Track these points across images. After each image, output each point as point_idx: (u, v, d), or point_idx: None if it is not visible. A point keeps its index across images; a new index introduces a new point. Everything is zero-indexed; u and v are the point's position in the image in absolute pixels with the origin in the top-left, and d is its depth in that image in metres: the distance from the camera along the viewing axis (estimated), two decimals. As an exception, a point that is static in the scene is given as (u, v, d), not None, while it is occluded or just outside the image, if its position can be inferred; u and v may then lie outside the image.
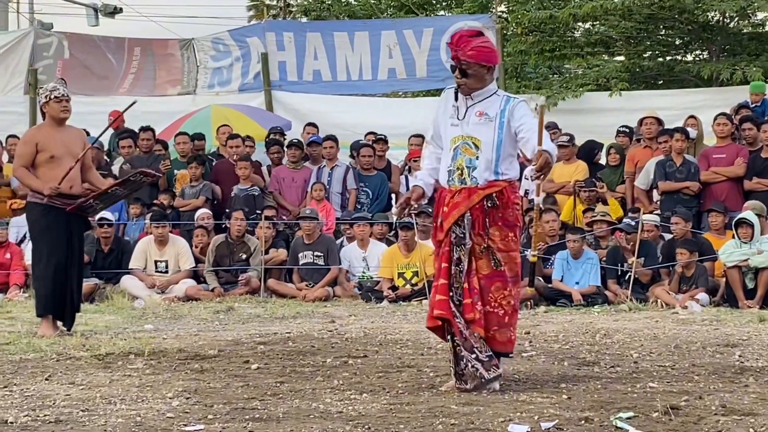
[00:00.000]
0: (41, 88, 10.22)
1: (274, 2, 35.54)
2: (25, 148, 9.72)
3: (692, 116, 15.22)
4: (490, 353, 6.58)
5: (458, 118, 6.73)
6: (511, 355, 6.97)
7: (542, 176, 6.64)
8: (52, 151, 9.54)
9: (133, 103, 10.49)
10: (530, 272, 9.04)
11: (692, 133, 14.74)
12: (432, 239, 7.22)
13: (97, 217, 13.94)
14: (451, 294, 6.62)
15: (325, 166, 15.20)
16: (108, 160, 16.19)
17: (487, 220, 6.65)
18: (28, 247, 13.04)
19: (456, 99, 6.78)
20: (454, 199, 6.69)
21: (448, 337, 6.70)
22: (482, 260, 6.64)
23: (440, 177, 6.85)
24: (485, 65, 6.65)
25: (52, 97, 9.64)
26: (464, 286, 6.60)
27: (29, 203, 9.77)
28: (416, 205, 7.24)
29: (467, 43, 6.63)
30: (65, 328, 9.64)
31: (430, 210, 13.99)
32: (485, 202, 6.63)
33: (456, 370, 6.59)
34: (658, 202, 14.04)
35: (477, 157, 6.66)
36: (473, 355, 6.56)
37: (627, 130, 15.52)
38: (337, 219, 14.80)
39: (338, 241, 14.36)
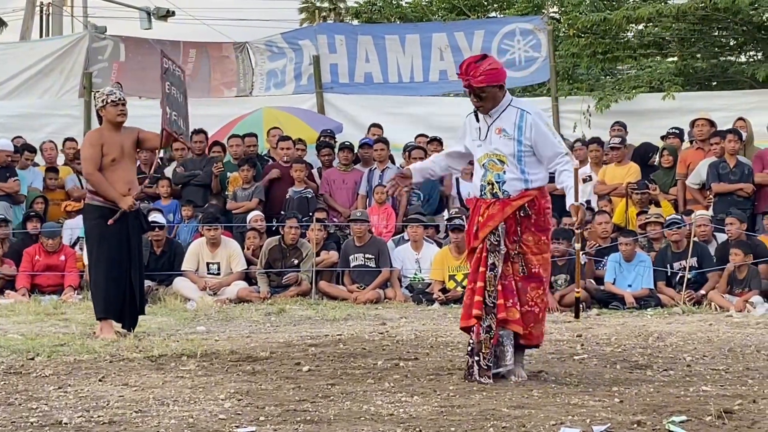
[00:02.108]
0: (97, 91, 10.24)
1: (326, 5, 35.66)
2: (92, 151, 9.69)
3: (741, 118, 15.10)
4: (490, 363, 7.06)
5: (480, 138, 7.34)
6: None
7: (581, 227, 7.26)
8: (113, 154, 9.62)
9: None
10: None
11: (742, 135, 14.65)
12: (466, 246, 7.68)
13: (149, 219, 14.07)
14: (484, 296, 7.14)
15: (375, 168, 15.21)
16: (160, 162, 16.30)
17: (519, 228, 7.21)
18: (83, 250, 13.18)
19: (477, 120, 7.38)
20: (490, 210, 7.24)
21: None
22: (516, 264, 7.20)
23: (474, 189, 7.47)
24: (496, 85, 7.18)
25: (109, 101, 9.67)
26: (498, 288, 7.13)
27: (88, 206, 9.82)
28: (404, 186, 7.94)
29: (476, 69, 7.16)
30: (125, 330, 9.66)
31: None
32: (518, 213, 7.20)
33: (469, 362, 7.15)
34: (711, 204, 13.94)
35: (504, 172, 7.22)
36: (476, 358, 7.07)
37: (678, 132, 15.42)
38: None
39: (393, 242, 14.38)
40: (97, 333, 9.52)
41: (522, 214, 7.20)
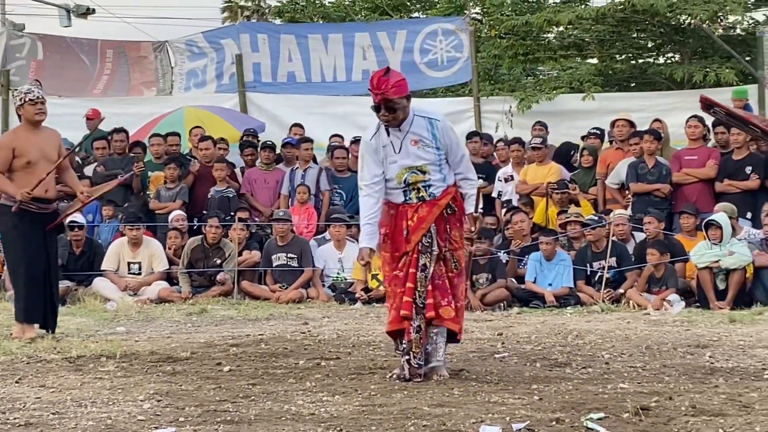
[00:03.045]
0: (16, 89, 10.00)
1: (249, 4, 35.52)
2: (1, 154, 9.50)
3: (657, 119, 15.29)
4: (421, 362, 7.13)
5: (396, 152, 7.31)
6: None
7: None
8: (28, 156, 9.43)
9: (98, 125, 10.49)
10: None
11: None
12: (385, 250, 7.61)
13: (68, 219, 13.92)
14: (415, 297, 7.18)
15: (298, 168, 15.17)
16: (81, 162, 16.13)
17: (448, 226, 7.36)
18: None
19: (388, 135, 7.31)
20: (419, 213, 7.33)
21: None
22: (449, 262, 7.34)
23: (392, 197, 7.41)
24: (405, 96, 7.20)
25: (27, 99, 9.52)
26: (428, 288, 7.20)
27: (1, 206, 9.62)
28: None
29: (386, 82, 7.14)
30: (46, 331, 9.52)
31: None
32: (446, 211, 7.35)
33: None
34: (630, 204, 14.10)
35: (428, 180, 7.31)
36: (406, 357, 7.12)
37: (598, 132, 15.58)
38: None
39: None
40: (16, 333, 9.38)
41: (449, 212, 7.37)
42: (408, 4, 27.91)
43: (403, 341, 7.20)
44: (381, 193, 7.37)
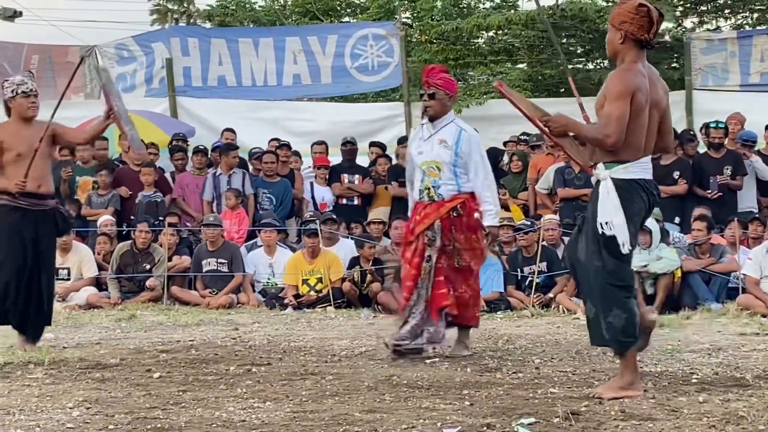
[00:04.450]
0: (6, 80, 9.21)
1: (177, 7, 35.28)
2: None
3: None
4: (404, 339, 8.35)
5: (423, 142, 8.62)
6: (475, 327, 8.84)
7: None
8: (18, 149, 8.88)
9: (82, 59, 9.99)
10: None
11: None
12: (403, 240, 8.87)
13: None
14: (417, 282, 8.36)
15: (221, 173, 15.10)
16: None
17: (453, 226, 8.41)
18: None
19: (422, 134, 8.66)
20: (426, 211, 8.47)
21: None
22: (452, 258, 8.38)
23: (414, 192, 8.69)
24: (447, 93, 8.54)
25: (20, 92, 8.95)
26: (436, 279, 8.34)
27: None
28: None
29: (435, 73, 8.52)
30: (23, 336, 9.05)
31: (335, 217, 14.13)
32: (451, 213, 8.40)
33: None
34: (557, 209, 14.22)
35: (440, 178, 8.45)
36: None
37: (526, 138, 15.69)
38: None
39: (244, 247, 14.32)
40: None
41: (455, 214, 8.42)
42: (338, 9, 27.93)
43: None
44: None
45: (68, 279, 13.62)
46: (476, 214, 8.48)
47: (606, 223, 6.36)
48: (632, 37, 6.52)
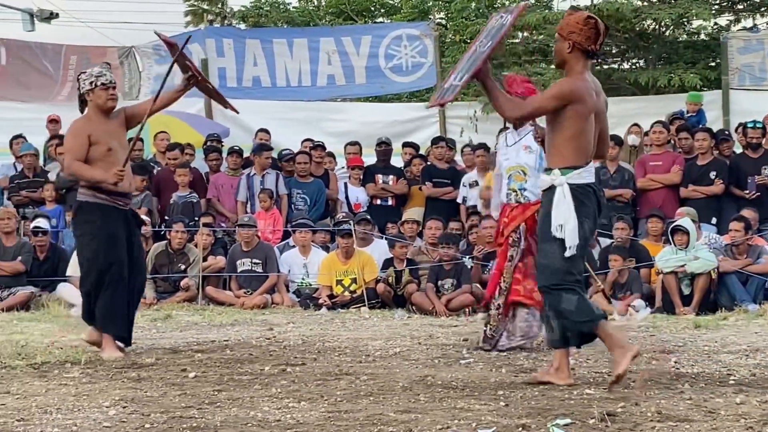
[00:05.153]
0: (83, 73, 8.80)
1: (212, 8, 35.43)
2: (75, 141, 8.53)
3: (636, 124, 15.37)
4: (495, 334, 8.82)
5: (507, 147, 9.00)
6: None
7: None
8: (108, 143, 8.46)
9: (189, 38, 9.76)
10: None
11: (634, 140, 14.91)
12: (494, 241, 9.53)
13: (32, 225, 13.84)
14: (499, 281, 8.82)
15: (255, 174, 15.13)
16: (43, 166, 16.05)
17: (537, 226, 8.22)
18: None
19: (506, 141, 9.05)
20: (512, 213, 8.84)
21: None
22: (532, 258, 8.62)
23: (501, 195, 9.07)
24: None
25: (99, 83, 8.55)
26: (515, 276, 8.77)
27: (82, 204, 8.61)
28: None
29: (515, 81, 8.82)
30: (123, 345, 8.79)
31: (369, 217, 14.12)
32: (536, 214, 8.28)
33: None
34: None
35: (526, 182, 8.77)
36: (484, 328, 8.94)
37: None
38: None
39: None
40: (89, 339, 8.65)
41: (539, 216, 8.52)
42: (372, 9, 27.95)
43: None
44: None
45: (104, 279, 13.64)
46: None
47: (560, 225, 6.71)
48: (579, 47, 6.90)
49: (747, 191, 13.85)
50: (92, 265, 8.56)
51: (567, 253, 6.69)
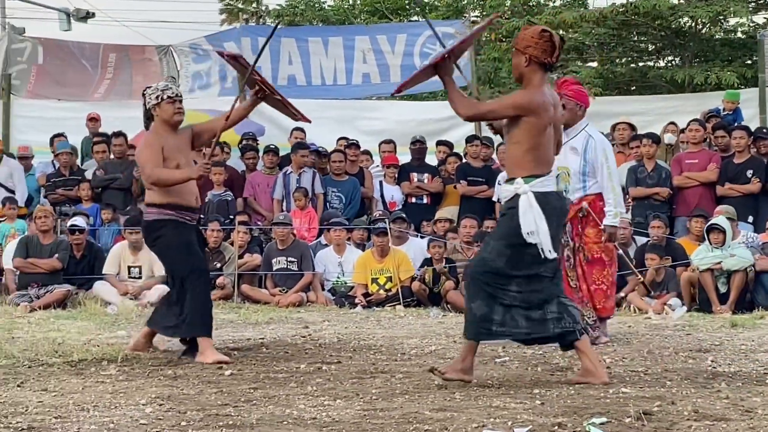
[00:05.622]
0: (148, 88, 8.70)
1: (247, 7, 35.51)
2: (151, 151, 8.33)
3: (672, 122, 15.29)
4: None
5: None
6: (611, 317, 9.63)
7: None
8: (176, 159, 8.32)
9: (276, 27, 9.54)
10: None
11: (670, 138, 14.83)
12: None
13: (69, 223, 13.93)
14: (568, 281, 9.00)
15: (291, 172, 15.16)
16: (80, 165, 16.16)
17: (580, 225, 9.12)
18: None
19: None
20: None
21: None
22: (580, 254, 9.11)
23: None
24: (577, 103, 9.11)
25: (165, 97, 8.42)
26: (578, 272, 9.14)
27: (150, 223, 8.45)
28: None
29: (568, 85, 9.15)
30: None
31: (404, 216, 14.13)
32: (578, 214, 9.03)
33: None
34: (630, 207, 14.09)
35: (569, 183, 9.04)
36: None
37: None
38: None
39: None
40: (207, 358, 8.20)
41: (581, 215, 9.08)
42: (407, 7, 27.94)
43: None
44: None
45: (140, 277, 13.73)
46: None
47: (530, 233, 6.83)
48: (536, 61, 6.99)
49: (785, 190, 13.76)
50: (174, 274, 8.55)
51: (548, 255, 6.86)
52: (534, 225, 6.82)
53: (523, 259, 6.85)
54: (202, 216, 13.40)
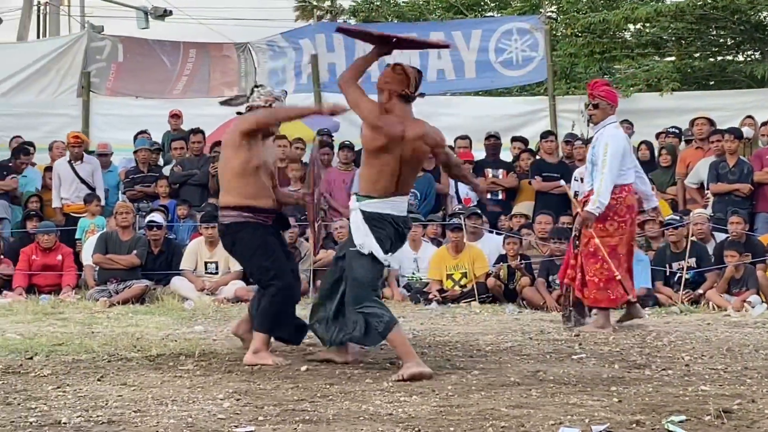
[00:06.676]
0: (261, 86, 8.90)
1: (322, 4, 35.62)
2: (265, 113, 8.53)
3: (749, 116, 15.11)
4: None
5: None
6: (615, 309, 10.19)
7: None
8: (256, 162, 8.27)
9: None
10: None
11: (749, 132, 14.63)
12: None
13: (147, 219, 14.09)
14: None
15: (365, 168, 15.16)
16: (163, 161, 16.34)
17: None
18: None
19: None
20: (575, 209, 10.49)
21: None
22: (582, 246, 9.74)
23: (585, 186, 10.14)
24: (608, 102, 9.72)
25: (274, 105, 8.62)
26: (577, 261, 9.82)
27: (228, 226, 8.33)
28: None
29: (598, 85, 9.82)
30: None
31: (479, 211, 14.09)
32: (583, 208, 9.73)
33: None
34: (709, 203, 13.94)
35: (584, 177, 10.00)
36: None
37: (676, 131, 15.43)
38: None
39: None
40: (253, 353, 8.07)
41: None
42: (482, 3, 27.81)
43: None
44: None
45: (216, 273, 13.84)
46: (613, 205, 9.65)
47: (361, 245, 7.50)
48: (396, 94, 7.80)
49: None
50: (253, 278, 8.96)
51: (384, 262, 7.61)
52: (362, 239, 7.51)
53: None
54: (289, 215, 13.38)
